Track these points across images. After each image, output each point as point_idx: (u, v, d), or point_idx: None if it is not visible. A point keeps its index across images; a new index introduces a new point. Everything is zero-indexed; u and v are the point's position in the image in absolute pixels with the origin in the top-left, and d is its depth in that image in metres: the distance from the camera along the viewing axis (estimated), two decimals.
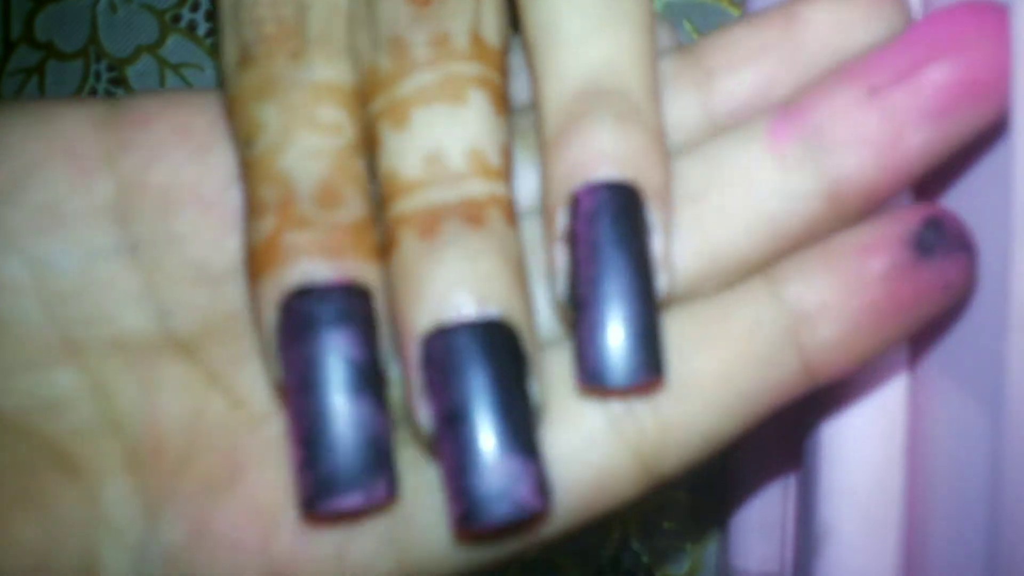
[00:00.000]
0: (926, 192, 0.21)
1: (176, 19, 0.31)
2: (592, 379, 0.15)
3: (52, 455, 0.16)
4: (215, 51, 0.31)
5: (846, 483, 0.23)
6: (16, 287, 0.17)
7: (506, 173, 0.16)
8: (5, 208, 0.17)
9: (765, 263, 0.17)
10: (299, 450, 0.15)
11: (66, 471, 0.16)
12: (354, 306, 0.15)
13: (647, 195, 0.16)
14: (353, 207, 0.16)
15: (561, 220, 0.16)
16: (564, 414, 0.16)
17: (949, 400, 0.23)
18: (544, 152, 0.16)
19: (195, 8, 0.31)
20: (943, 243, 0.16)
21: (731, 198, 0.16)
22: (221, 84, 0.17)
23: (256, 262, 0.15)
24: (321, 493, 0.15)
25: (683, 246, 0.16)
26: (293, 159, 0.15)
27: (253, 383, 0.17)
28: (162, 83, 0.31)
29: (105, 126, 0.17)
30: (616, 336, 0.15)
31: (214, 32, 0.31)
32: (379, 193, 0.16)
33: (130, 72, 0.31)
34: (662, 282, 0.16)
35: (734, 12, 0.31)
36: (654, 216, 0.16)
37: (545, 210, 0.16)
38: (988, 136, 0.18)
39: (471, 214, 0.15)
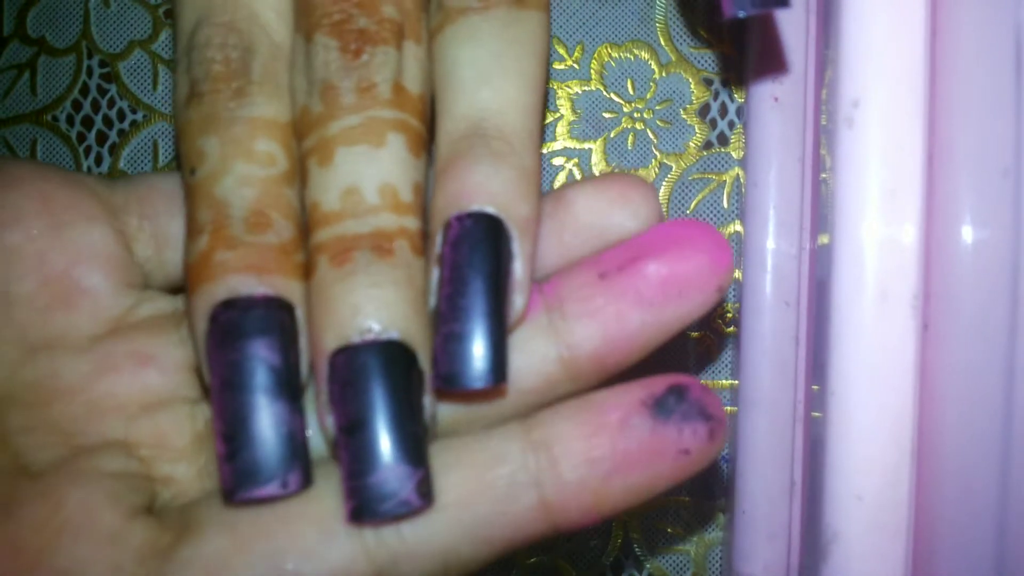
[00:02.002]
0: None
1: (169, 13, 0.31)
2: (441, 382, 0.17)
3: None
4: None
5: (853, 487, 0.23)
6: None
7: (417, 208, 0.18)
8: None
9: (513, 416, 0.19)
10: (221, 445, 0.17)
11: None
12: (275, 317, 0.17)
13: (511, 225, 0.18)
14: (280, 231, 0.18)
15: (437, 244, 0.18)
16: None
17: (957, 405, 0.23)
18: (435, 183, 0.18)
19: None
20: (681, 410, 0.18)
21: None
22: (174, 123, 0.19)
23: (191, 278, 0.17)
24: (241, 483, 0.17)
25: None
26: (228, 186, 0.17)
27: (38, 452, 0.18)
28: (155, 78, 0.31)
29: None
30: (462, 346, 0.17)
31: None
32: (306, 223, 0.18)
33: (122, 67, 0.31)
34: (519, 303, 0.18)
35: None
36: (515, 245, 0.18)
37: (430, 235, 0.18)
38: None
39: (380, 244, 0.17)
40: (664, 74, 0.31)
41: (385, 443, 0.17)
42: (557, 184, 0.31)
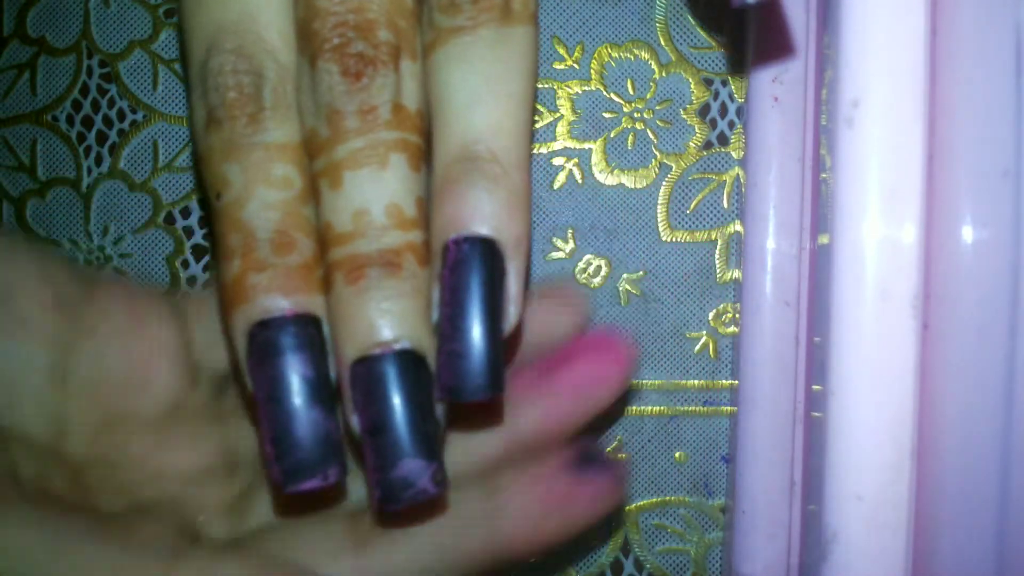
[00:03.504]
0: None
1: (169, 13, 0.31)
2: (445, 393, 0.20)
3: None
4: None
5: (853, 487, 0.22)
6: None
7: (421, 220, 0.20)
8: None
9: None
10: (269, 448, 0.19)
11: None
12: (305, 332, 0.19)
13: (504, 245, 0.20)
14: (302, 249, 0.19)
15: (437, 265, 0.20)
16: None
17: (957, 405, 0.23)
18: (432, 202, 0.20)
19: None
20: (594, 467, 0.23)
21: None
22: (193, 145, 0.21)
23: (227, 298, 0.19)
24: (288, 480, 0.19)
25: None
26: (253, 211, 0.19)
27: (106, 505, 0.22)
28: (155, 78, 0.31)
29: (68, 308, 0.22)
30: (462, 364, 0.19)
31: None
32: (321, 235, 0.20)
33: (122, 67, 0.31)
34: (512, 314, 0.20)
35: None
36: (510, 264, 0.20)
37: (431, 250, 0.20)
38: None
39: (390, 261, 0.19)
40: (664, 74, 0.31)
41: (403, 442, 0.19)
42: (557, 184, 0.31)
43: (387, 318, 0.19)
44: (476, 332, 0.19)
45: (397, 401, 0.19)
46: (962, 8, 0.23)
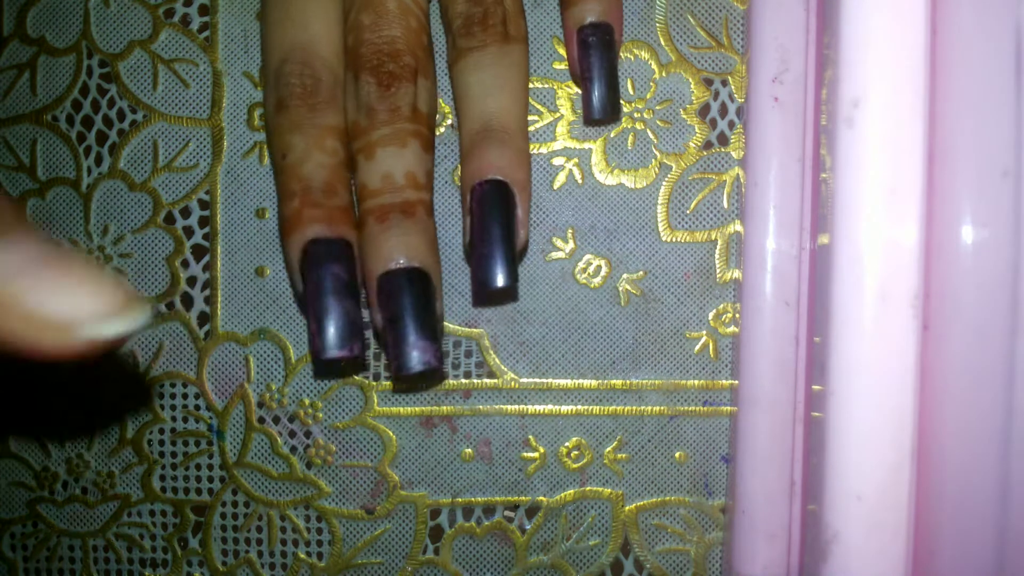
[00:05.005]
0: None
1: (169, 13, 0.31)
2: (477, 285, 0.27)
3: None
4: (210, 47, 0.31)
5: (853, 487, 0.23)
6: None
7: (429, 187, 0.27)
8: None
9: None
10: (314, 326, 0.26)
11: None
12: (342, 250, 0.26)
13: (513, 186, 0.27)
14: (343, 197, 0.27)
15: (467, 201, 0.27)
16: None
17: (957, 405, 0.23)
18: (461, 163, 0.27)
19: (188, 2, 0.31)
20: None
21: None
22: (265, 122, 0.28)
23: (287, 226, 0.26)
24: (323, 351, 0.26)
25: None
26: (310, 168, 0.27)
27: None
28: (155, 78, 0.31)
29: None
30: (488, 262, 0.27)
31: (209, 28, 0.31)
32: (357, 193, 0.27)
33: (122, 67, 0.31)
34: (522, 234, 0.27)
35: (740, 6, 0.30)
36: (517, 199, 0.27)
37: (462, 195, 0.27)
38: None
39: (406, 209, 0.26)
40: (664, 74, 0.31)
41: (413, 328, 0.26)
42: (557, 184, 0.31)
43: (403, 247, 0.26)
44: (497, 241, 0.27)
45: (408, 300, 0.26)
46: (962, 8, 0.23)
